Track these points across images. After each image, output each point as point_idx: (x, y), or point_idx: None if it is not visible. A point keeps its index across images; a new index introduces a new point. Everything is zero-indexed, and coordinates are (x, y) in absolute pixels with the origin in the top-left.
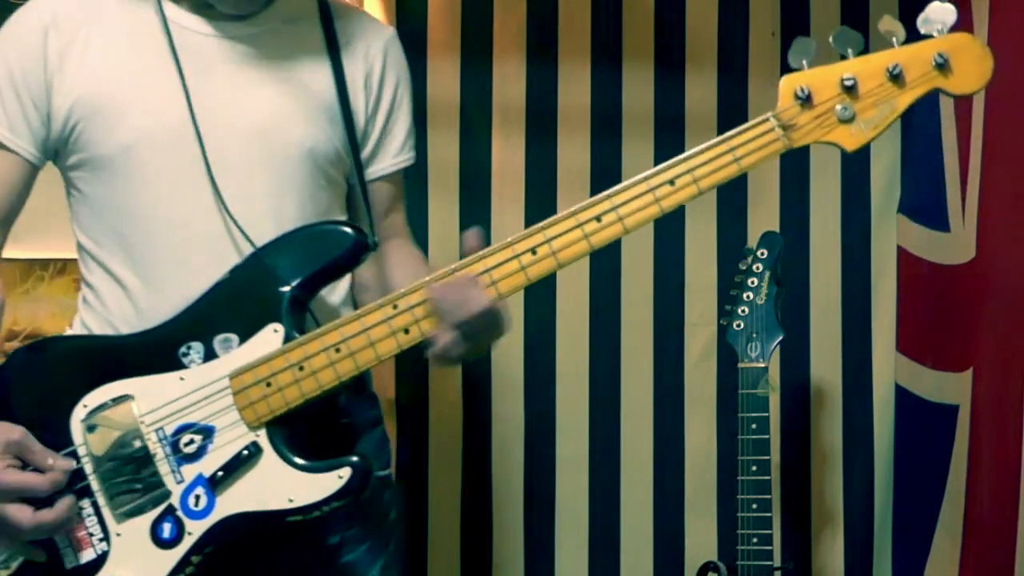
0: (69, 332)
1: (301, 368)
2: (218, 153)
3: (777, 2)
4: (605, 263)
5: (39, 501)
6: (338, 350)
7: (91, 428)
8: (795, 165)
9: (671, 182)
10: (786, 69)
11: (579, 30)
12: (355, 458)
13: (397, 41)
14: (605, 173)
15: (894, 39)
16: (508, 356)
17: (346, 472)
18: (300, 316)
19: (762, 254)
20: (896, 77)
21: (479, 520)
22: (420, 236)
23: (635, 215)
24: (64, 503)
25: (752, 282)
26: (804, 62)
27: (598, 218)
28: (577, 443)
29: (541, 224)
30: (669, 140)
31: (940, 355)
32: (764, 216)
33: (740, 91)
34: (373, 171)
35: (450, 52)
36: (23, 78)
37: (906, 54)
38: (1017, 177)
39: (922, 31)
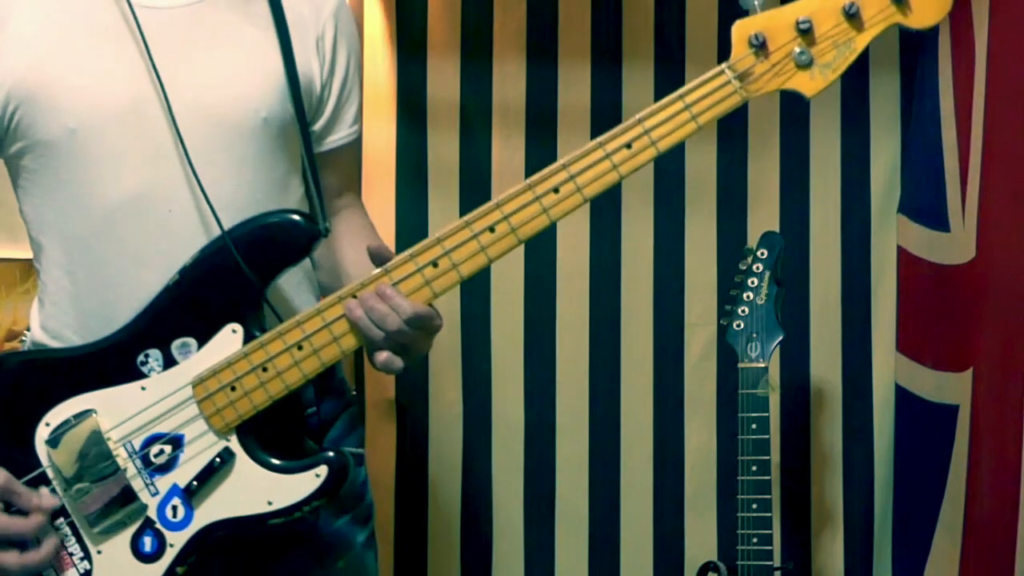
0: (25, 339)
1: (265, 369)
2: (169, 129)
3: (777, 2)
4: (605, 263)
5: (26, 543)
6: (300, 348)
7: (56, 447)
8: (795, 165)
9: (628, 145)
10: None
11: (579, 30)
12: (331, 454)
13: (347, 6)
14: None
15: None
16: (508, 356)
17: (323, 470)
18: (257, 312)
19: (762, 254)
20: (852, 16)
21: (479, 520)
22: (420, 236)
23: (593, 183)
24: (50, 543)
25: (752, 282)
26: (756, 3)
27: (556, 189)
28: (577, 443)
29: (496, 200)
30: None
31: (940, 355)
32: (764, 216)
33: None
34: (330, 141)
35: (450, 52)
36: None
37: None
38: (1017, 177)
39: None
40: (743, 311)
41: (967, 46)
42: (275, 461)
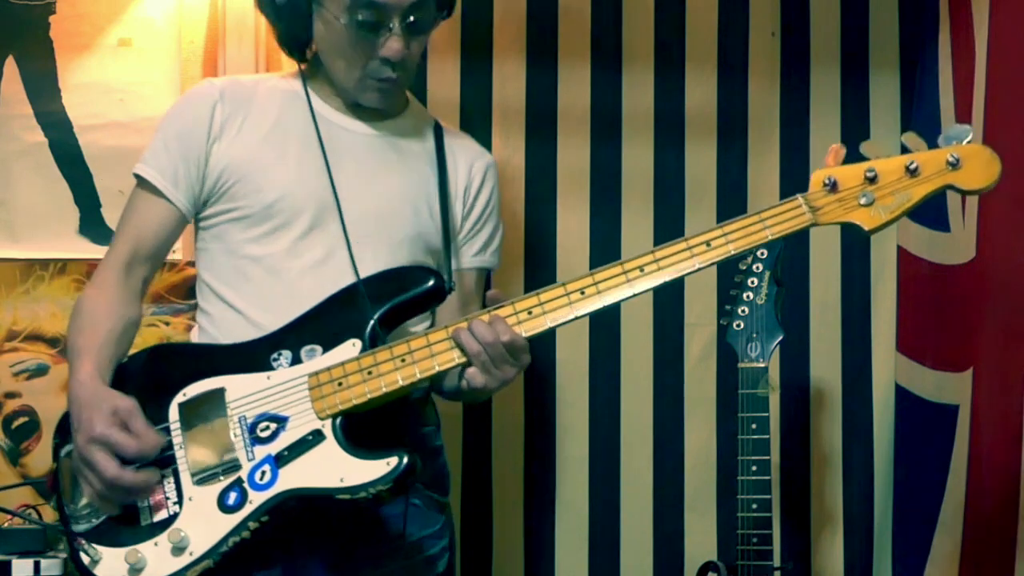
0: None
1: (370, 372)
2: (345, 222)
3: (777, 2)
4: (605, 263)
5: (127, 462)
6: (403, 360)
7: (186, 410)
8: (795, 165)
9: (708, 244)
10: (786, 69)
11: (579, 30)
12: (404, 450)
13: (495, 167)
14: (605, 173)
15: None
16: None
17: (393, 461)
18: (378, 337)
19: (762, 254)
20: (913, 172)
21: (479, 520)
22: None
23: (671, 267)
24: (146, 472)
25: (752, 282)
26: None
27: (642, 268)
28: (577, 443)
29: (594, 271)
30: (669, 140)
31: (940, 355)
32: None
33: (740, 91)
34: (453, 264)
35: (450, 52)
36: (190, 141)
37: (924, 156)
38: (1017, 178)
39: (941, 146)
40: (743, 311)
41: (967, 46)
42: (355, 448)
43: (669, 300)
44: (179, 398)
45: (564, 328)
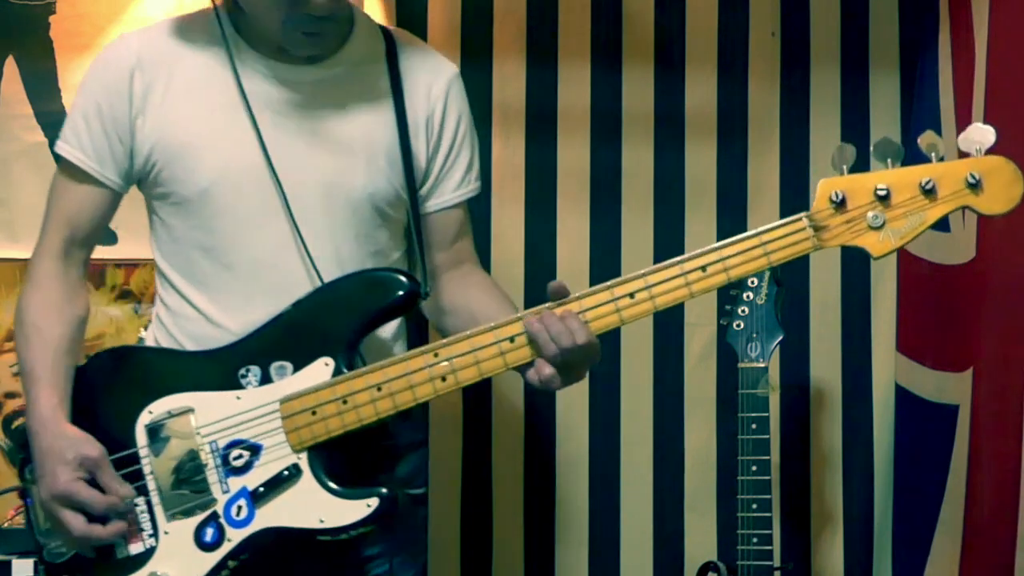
0: (142, 337)
1: (345, 402)
2: (288, 196)
3: (777, 2)
4: (605, 264)
5: (94, 516)
6: (379, 389)
7: (153, 433)
8: (795, 165)
9: (703, 268)
10: (786, 69)
11: (579, 30)
12: (384, 489)
13: (459, 80)
14: (605, 173)
15: (933, 154)
16: None
17: (374, 502)
18: (351, 352)
19: None
20: (929, 191)
21: (479, 520)
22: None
23: (665, 295)
24: (116, 525)
25: (752, 282)
26: (844, 168)
27: (632, 295)
28: (577, 443)
29: (583, 292)
30: (669, 140)
31: (940, 355)
32: (764, 216)
33: (740, 91)
34: (434, 204)
35: (450, 52)
36: (111, 115)
37: (940, 170)
38: None
39: (961, 148)
40: (743, 311)
41: (967, 46)
42: (334, 486)
43: None
44: (144, 418)
45: None
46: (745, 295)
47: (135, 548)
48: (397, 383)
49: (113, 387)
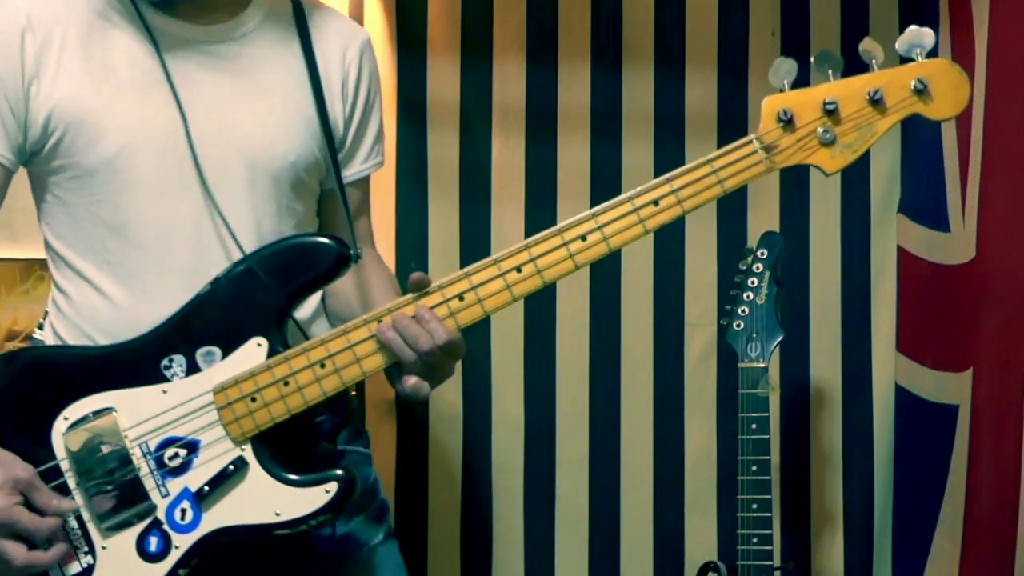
0: (38, 336)
1: (286, 383)
2: (203, 165)
3: (777, 2)
4: (605, 263)
5: (36, 541)
6: (323, 366)
7: (73, 441)
8: (795, 165)
9: (655, 202)
10: None
11: (579, 30)
12: (340, 471)
13: (371, 44)
14: (605, 173)
15: (873, 60)
16: (508, 356)
17: (333, 487)
18: (283, 329)
19: (762, 254)
20: (876, 102)
21: (479, 520)
22: (420, 236)
23: (620, 235)
24: (59, 547)
25: (752, 282)
26: (785, 83)
27: (583, 237)
28: (577, 443)
29: (527, 241)
30: (669, 140)
31: (940, 355)
32: (764, 216)
33: (740, 91)
34: (345, 176)
35: (450, 52)
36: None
37: (886, 78)
38: (1017, 177)
39: (900, 53)
40: (743, 311)
41: (967, 46)
42: (286, 474)
43: (669, 300)
44: (60, 425)
45: (564, 328)
46: (745, 295)
47: (71, 569)
48: (341, 357)
49: (19, 394)
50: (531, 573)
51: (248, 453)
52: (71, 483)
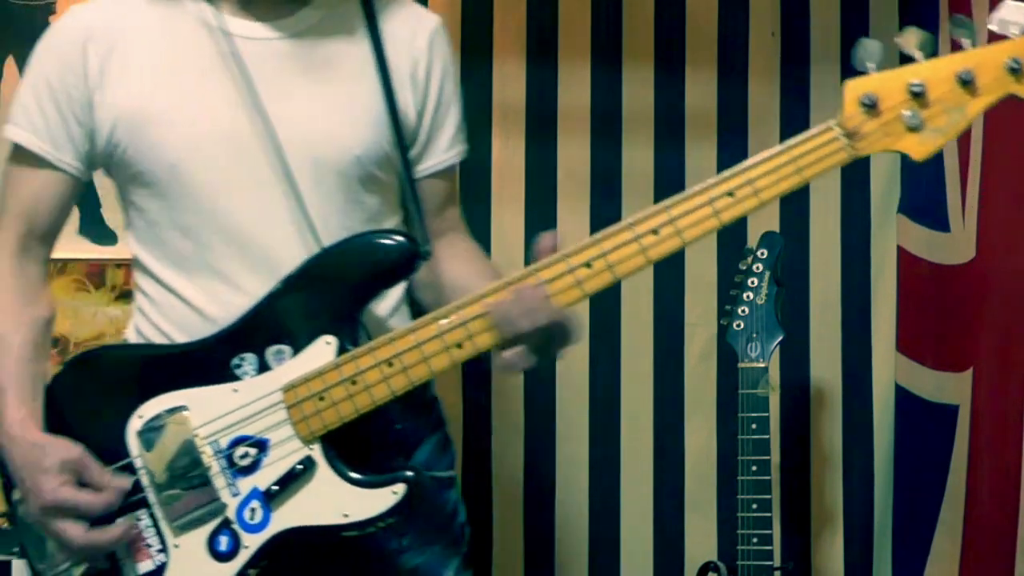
0: (125, 338)
1: (354, 383)
2: (269, 161)
3: (777, 2)
4: None
5: (94, 519)
6: (391, 364)
7: (146, 439)
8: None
9: (730, 193)
10: (786, 69)
11: (579, 30)
12: (409, 473)
13: (443, 30)
14: (605, 173)
15: (966, 41)
16: None
17: (400, 488)
18: (353, 326)
19: (762, 254)
20: (967, 83)
21: (479, 520)
22: None
23: (693, 228)
24: (119, 525)
25: (752, 282)
26: (870, 66)
27: (655, 231)
28: (577, 443)
29: (596, 236)
30: (669, 140)
31: (940, 355)
32: (764, 216)
33: (740, 91)
34: (423, 168)
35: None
36: (64, 93)
37: (977, 58)
38: (1017, 177)
39: (996, 31)
40: (743, 311)
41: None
42: (354, 474)
43: (669, 300)
44: (135, 424)
45: None
46: (745, 295)
47: (144, 567)
48: (409, 356)
49: (94, 394)
50: (531, 573)
51: (316, 453)
52: (144, 481)
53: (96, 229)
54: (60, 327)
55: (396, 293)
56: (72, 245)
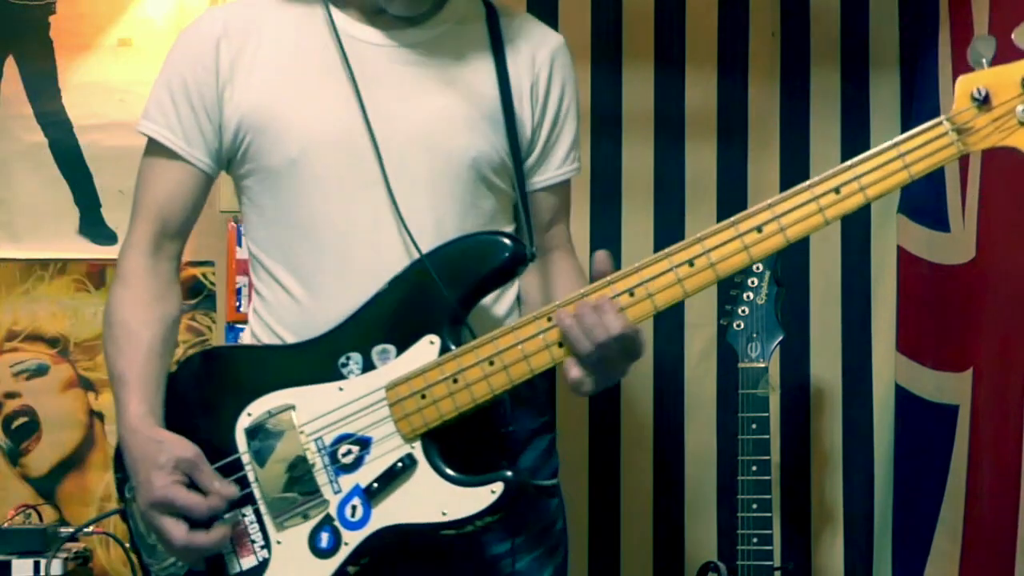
0: (240, 340)
1: (455, 380)
2: (384, 162)
3: (777, 2)
4: None
5: (197, 521)
6: (492, 363)
7: (254, 436)
8: (795, 165)
9: (836, 190)
10: (786, 69)
11: (579, 30)
12: (508, 473)
13: (565, 49)
14: (605, 173)
15: None
16: None
17: (499, 487)
18: (457, 327)
19: None
20: None
21: None
22: None
23: (798, 224)
24: (220, 531)
25: (752, 282)
26: (984, 61)
27: (759, 228)
28: (578, 443)
29: (697, 235)
30: (669, 140)
31: (940, 355)
32: None
33: (740, 91)
34: (536, 181)
35: None
36: (197, 90)
37: None
38: (1017, 177)
39: None
40: (743, 311)
41: (967, 46)
42: (453, 473)
43: None
44: (244, 421)
45: None
46: (745, 295)
47: (247, 562)
48: (509, 354)
49: (208, 391)
50: None
51: (417, 451)
52: (251, 476)
53: (96, 229)
54: (60, 327)
55: (509, 298)
56: (72, 245)
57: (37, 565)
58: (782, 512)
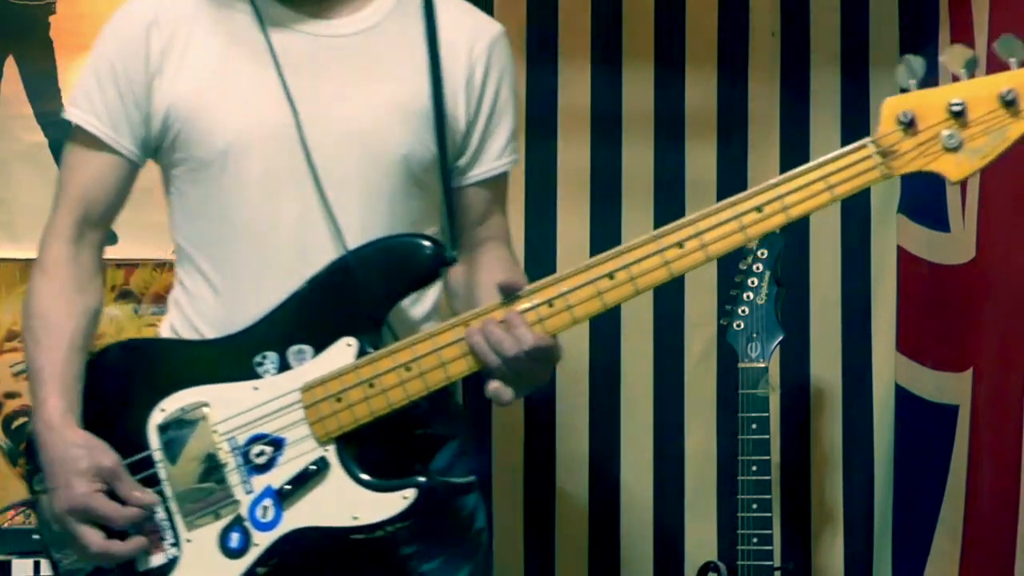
0: (158, 334)
1: (371, 385)
2: (314, 159)
3: (777, 2)
4: None
5: (112, 530)
6: (408, 369)
7: (166, 433)
8: (795, 165)
9: (758, 209)
10: (786, 69)
11: (579, 30)
12: (421, 478)
13: (504, 40)
14: (605, 173)
15: (1012, 60)
16: None
17: (411, 493)
18: (376, 330)
19: (762, 254)
20: (1010, 103)
21: None
22: None
23: (719, 242)
24: (136, 541)
25: (752, 282)
26: (912, 83)
27: (680, 244)
28: (577, 443)
29: (620, 248)
30: (669, 140)
31: (940, 355)
32: None
33: (740, 91)
34: (473, 175)
35: None
36: (126, 77)
37: (1021, 78)
38: (1017, 177)
39: None
40: (743, 311)
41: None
42: (366, 477)
43: (669, 300)
44: (157, 417)
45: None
46: (745, 295)
47: (156, 559)
48: (427, 360)
49: (122, 384)
50: (531, 573)
51: (331, 454)
52: (161, 474)
53: None
54: None
55: (430, 298)
56: None
57: (37, 565)
58: (782, 512)
